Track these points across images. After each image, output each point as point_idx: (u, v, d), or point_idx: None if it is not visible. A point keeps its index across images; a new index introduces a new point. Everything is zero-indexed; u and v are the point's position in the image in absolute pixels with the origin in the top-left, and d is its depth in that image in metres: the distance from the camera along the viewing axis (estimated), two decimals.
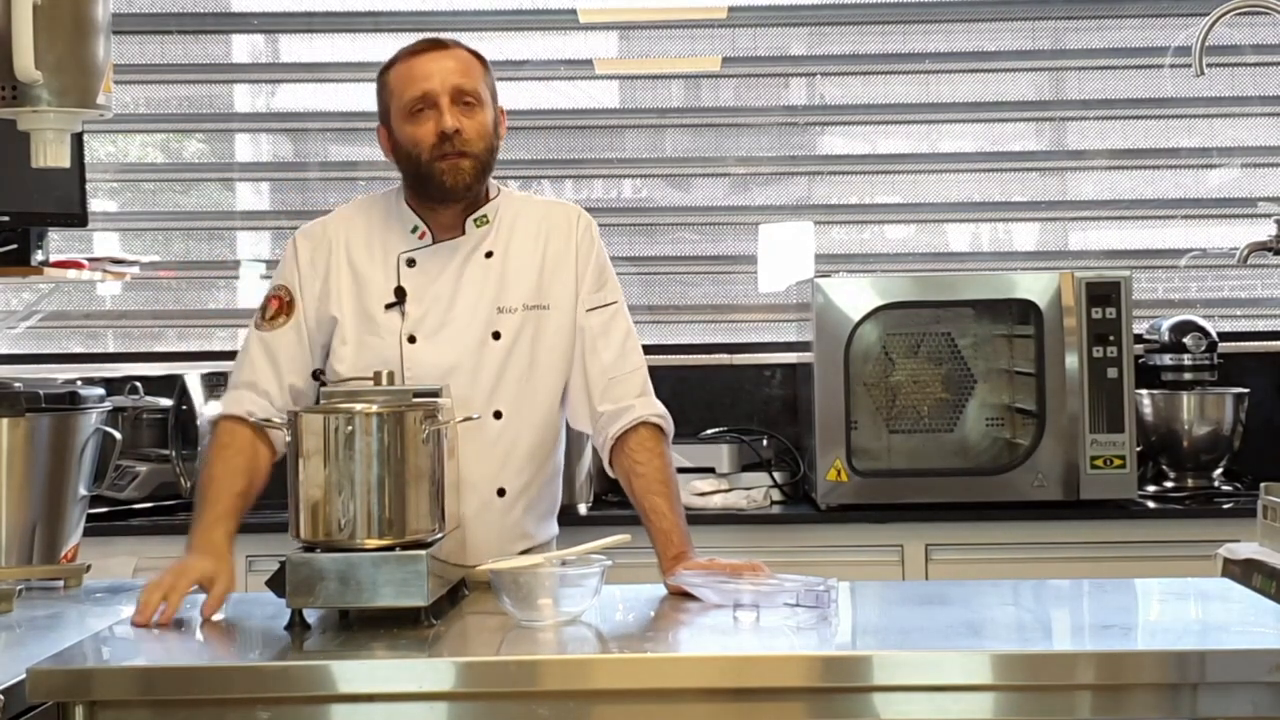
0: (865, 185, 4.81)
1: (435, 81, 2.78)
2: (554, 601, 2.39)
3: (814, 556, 3.81)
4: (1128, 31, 4.75)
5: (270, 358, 2.84)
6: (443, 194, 2.81)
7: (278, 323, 2.85)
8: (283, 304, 2.86)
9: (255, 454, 2.76)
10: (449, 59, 2.81)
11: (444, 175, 2.78)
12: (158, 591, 2.48)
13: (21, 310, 4.62)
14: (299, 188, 4.81)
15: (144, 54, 4.76)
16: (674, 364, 4.50)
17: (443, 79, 2.78)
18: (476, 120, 2.80)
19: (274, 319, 2.86)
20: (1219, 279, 4.76)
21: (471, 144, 2.78)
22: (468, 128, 2.78)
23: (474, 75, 2.82)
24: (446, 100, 2.77)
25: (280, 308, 2.86)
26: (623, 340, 2.91)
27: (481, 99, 2.82)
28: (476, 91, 2.80)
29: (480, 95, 2.81)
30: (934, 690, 2.17)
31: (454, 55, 2.82)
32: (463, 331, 2.82)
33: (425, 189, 2.83)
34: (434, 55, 2.81)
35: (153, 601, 2.47)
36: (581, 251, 2.90)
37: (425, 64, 2.80)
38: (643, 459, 2.82)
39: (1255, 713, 2.17)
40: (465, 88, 2.79)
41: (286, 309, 2.86)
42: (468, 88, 2.79)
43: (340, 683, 2.16)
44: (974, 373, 4.21)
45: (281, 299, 2.87)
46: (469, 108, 2.79)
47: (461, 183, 2.79)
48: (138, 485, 4.04)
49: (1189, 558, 3.67)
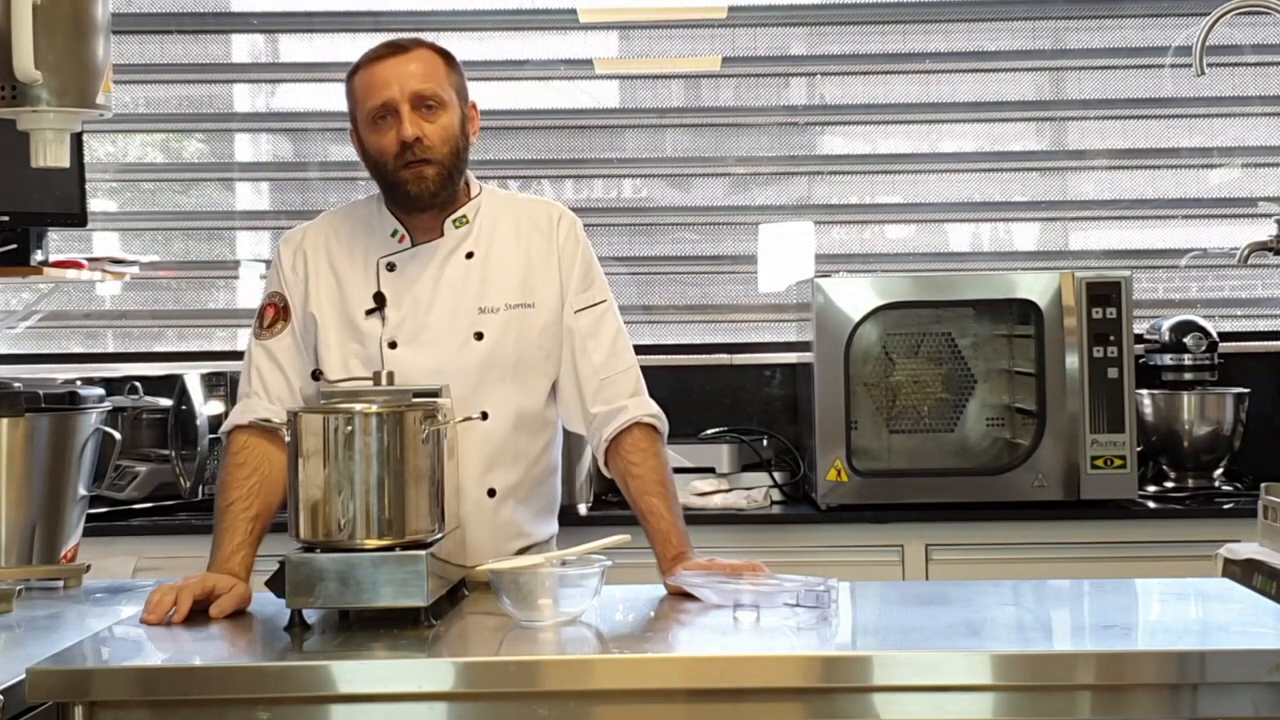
0: (865, 185, 4.81)
1: (394, 89, 2.73)
2: (554, 601, 2.39)
3: (814, 556, 3.81)
4: (1128, 31, 4.75)
5: (275, 364, 2.84)
6: (409, 202, 2.80)
7: (276, 329, 2.86)
8: (279, 311, 2.87)
9: (270, 468, 2.73)
10: (409, 62, 2.76)
11: (408, 184, 2.76)
12: (170, 594, 2.49)
13: (21, 310, 4.62)
14: (299, 188, 4.81)
15: (144, 54, 4.76)
16: (674, 364, 4.50)
17: (401, 85, 2.73)
18: (439, 124, 2.76)
19: (272, 326, 2.86)
20: (1219, 279, 4.76)
21: (434, 150, 2.75)
22: (430, 133, 2.74)
23: (436, 77, 2.77)
24: (406, 108, 2.73)
25: (277, 315, 2.87)
26: (613, 340, 2.89)
27: (444, 101, 2.77)
28: (437, 95, 2.76)
29: (442, 97, 2.77)
30: (934, 690, 2.17)
31: (415, 58, 2.77)
32: (443, 334, 2.81)
33: (394, 196, 2.82)
34: (394, 60, 2.76)
35: (165, 603, 2.47)
36: (565, 251, 2.88)
37: (385, 70, 2.75)
38: (638, 460, 2.81)
39: (1255, 713, 2.17)
40: (425, 92, 2.74)
41: (283, 315, 2.86)
42: (427, 92, 2.74)
43: (340, 683, 2.16)
44: (974, 373, 4.21)
45: (277, 306, 2.87)
46: (430, 111, 2.75)
47: (426, 190, 2.77)
48: (137, 485, 4.04)
49: (1189, 558, 3.67)
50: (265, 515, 2.72)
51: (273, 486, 2.73)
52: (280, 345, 2.85)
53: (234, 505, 2.70)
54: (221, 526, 2.69)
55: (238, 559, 2.64)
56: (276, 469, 2.72)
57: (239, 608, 2.54)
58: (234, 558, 2.64)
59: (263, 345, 2.86)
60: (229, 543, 2.66)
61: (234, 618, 2.51)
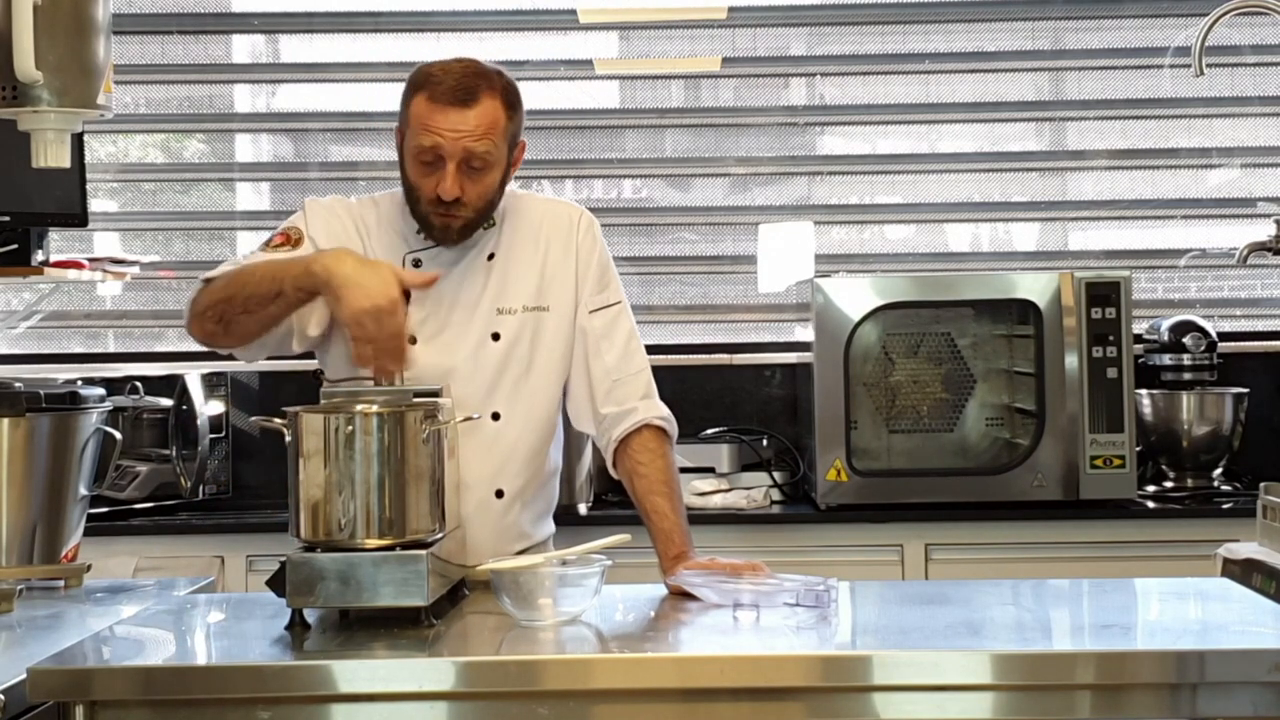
0: (865, 185, 4.81)
1: (447, 142, 2.67)
2: (554, 601, 2.39)
3: (814, 556, 3.81)
4: (1128, 31, 4.75)
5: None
6: (432, 237, 2.79)
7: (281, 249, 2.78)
8: (289, 239, 2.79)
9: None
10: (471, 119, 2.68)
11: (434, 229, 2.76)
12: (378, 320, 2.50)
13: (22, 310, 4.62)
14: (299, 188, 4.80)
15: (144, 54, 4.77)
16: (674, 364, 4.50)
17: (455, 140, 2.67)
18: (481, 184, 2.73)
19: (278, 248, 2.79)
20: (1219, 279, 4.76)
21: (469, 207, 2.73)
22: (469, 193, 2.72)
23: (494, 134, 2.70)
24: (453, 165, 2.69)
25: (285, 241, 2.79)
26: (626, 341, 2.90)
27: (492, 161, 2.71)
28: (488, 156, 2.70)
29: (491, 157, 2.71)
30: (934, 690, 2.17)
31: (480, 113, 2.68)
32: (462, 334, 2.81)
33: (419, 225, 2.80)
34: (456, 113, 2.68)
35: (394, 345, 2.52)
36: (583, 252, 2.89)
37: (444, 119, 2.68)
38: (645, 460, 2.82)
39: (1255, 713, 2.17)
40: (477, 151, 2.69)
41: (293, 245, 2.78)
42: (479, 151, 2.69)
43: (340, 683, 2.16)
44: (974, 373, 4.22)
45: (290, 236, 2.80)
46: (476, 171, 2.71)
47: (449, 239, 2.78)
48: (138, 485, 4.05)
49: (1189, 558, 3.67)
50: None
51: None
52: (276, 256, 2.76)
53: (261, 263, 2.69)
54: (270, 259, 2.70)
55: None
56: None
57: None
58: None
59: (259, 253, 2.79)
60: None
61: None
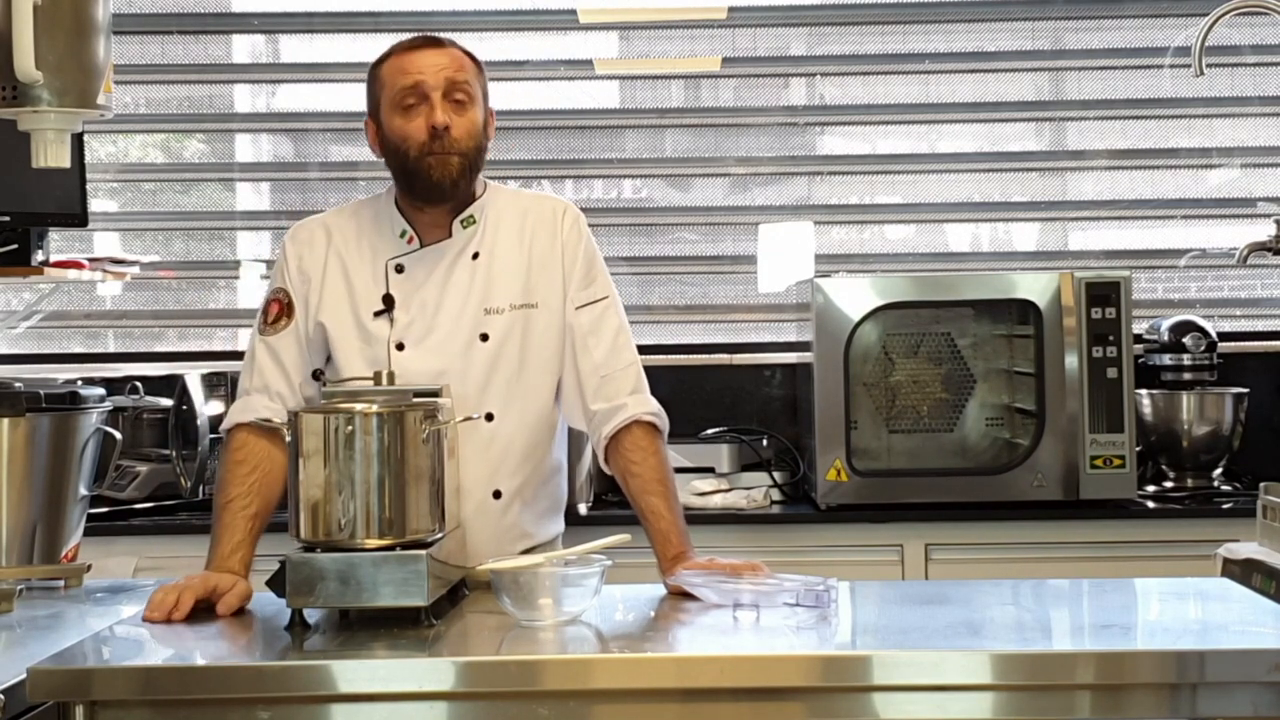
0: (865, 185, 4.81)
1: (429, 75, 2.77)
2: (554, 601, 2.39)
3: (814, 556, 3.81)
4: (1128, 31, 4.75)
5: (277, 361, 2.84)
6: (429, 190, 2.80)
7: (279, 326, 2.85)
8: (283, 307, 2.86)
9: (270, 466, 2.73)
10: (444, 56, 2.81)
11: (431, 171, 2.77)
12: (173, 593, 2.49)
13: (22, 310, 4.62)
14: (299, 188, 4.81)
15: (144, 54, 4.77)
16: (673, 364, 4.50)
17: (436, 73, 2.78)
18: (466, 118, 2.79)
19: (276, 323, 2.86)
20: (1219, 279, 4.76)
21: (460, 142, 2.78)
22: (457, 125, 2.78)
23: (467, 71, 2.82)
24: (438, 95, 2.77)
25: (281, 311, 2.86)
26: (614, 336, 2.89)
27: (473, 96, 2.81)
28: (469, 87, 2.80)
29: (472, 92, 2.81)
30: (934, 690, 2.17)
31: (448, 53, 2.82)
32: (450, 336, 2.81)
33: (412, 185, 2.82)
34: (429, 51, 2.81)
35: (167, 601, 2.48)
36: (568, 247, 2.89)
37: (420, 59, 2.80)
38: (638, 459, 2.81)
39: (1255, 713, 2.17)
40: (458, 80, 2.78)
41: (287, 312, 2.86)
42: (460, 80, 2.79)
43: (340, 683, 2.16)
44: (974, 373, 4.22)
45: (281, 302, 2.87)
46: (460, 105, 2.79)
47: (448, 178, 2.78)
48: (138, 485, 4.05)
49: (1189, 558, 3.67)
50: (264, 513, 2.72)
51: (272, 485, 2.73)
52: (283, 342, 2.85)
53: (233, 503, 2.70)
54: (221, 524, 2.69)
55: (237, 557, 2.64)
56: (276, 467, 2.72)
57: (243, 605, 2.55)
58: (233, 556, 2.64)
59: (265, 341, 2.86)
60: (228, 540, 2.66)
61: (235, 616, 2.52)
